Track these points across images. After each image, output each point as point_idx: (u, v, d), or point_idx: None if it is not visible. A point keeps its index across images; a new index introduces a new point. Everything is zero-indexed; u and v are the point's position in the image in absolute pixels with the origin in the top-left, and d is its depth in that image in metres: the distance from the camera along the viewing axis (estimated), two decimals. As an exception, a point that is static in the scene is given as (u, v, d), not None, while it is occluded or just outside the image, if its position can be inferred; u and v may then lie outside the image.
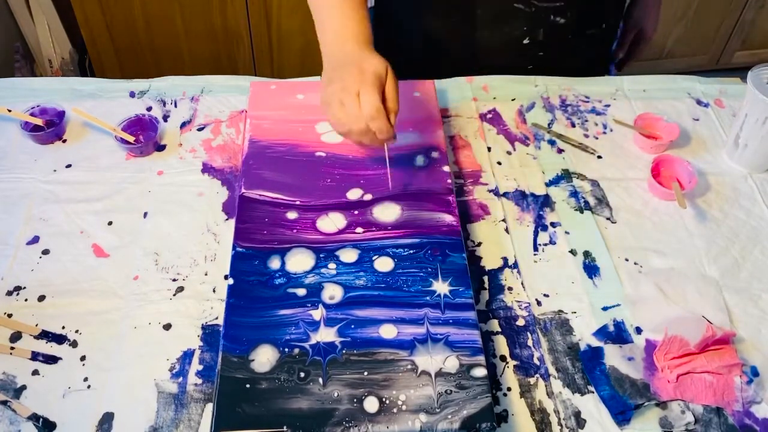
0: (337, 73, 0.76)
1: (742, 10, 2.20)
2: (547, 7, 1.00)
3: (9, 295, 0.77)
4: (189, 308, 0.77)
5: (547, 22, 1.02)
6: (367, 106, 0.73)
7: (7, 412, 0.68)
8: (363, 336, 0.69)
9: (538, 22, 1.02)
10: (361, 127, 0.74)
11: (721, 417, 0.70)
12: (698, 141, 0.99)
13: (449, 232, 0.78)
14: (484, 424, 0.63)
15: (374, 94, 0.73)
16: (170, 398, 0.69)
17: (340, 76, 0.75)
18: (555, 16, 1.02)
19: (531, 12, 1.01)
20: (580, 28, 1.05)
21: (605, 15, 1.09)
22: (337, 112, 0.75)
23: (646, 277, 0.81)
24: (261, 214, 0.79)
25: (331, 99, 0.75)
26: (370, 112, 0.73)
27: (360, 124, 0.74)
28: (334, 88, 0.75)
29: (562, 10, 1.01)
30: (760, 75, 0.90)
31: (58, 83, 1.03)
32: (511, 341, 0.75)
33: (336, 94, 0.75)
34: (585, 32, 1.07)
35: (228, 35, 1.92)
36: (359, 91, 0.73)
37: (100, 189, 0.88)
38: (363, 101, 0.73)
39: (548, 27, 1.03)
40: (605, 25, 1.09)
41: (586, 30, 1.07)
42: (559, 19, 1.02)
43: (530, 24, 1.03)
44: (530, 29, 1.03)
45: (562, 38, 1.05)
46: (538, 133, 0.99)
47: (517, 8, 1.01)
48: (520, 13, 1.01)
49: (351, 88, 0.74)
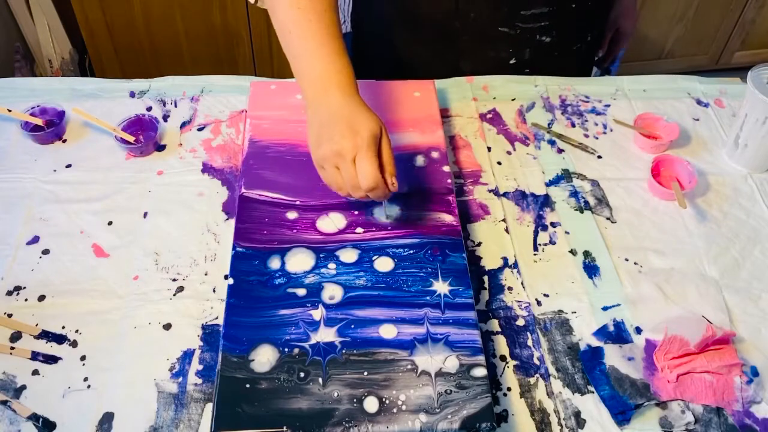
0: (326, 131, 0.71)
1: (742, 10, 2.20)
2: (532, 27, 1.00)
3: (9, 295, 0.77)
4: (189, 308, 0.77)
5: (533, 42, 1.02)
6: (365, 179, 0.69)
7: (7, 412, 0.68)
8: (363, 336, 0.69)
9: (523, 43, 1.02)
10: (360, 195, 0.72)
11: (721, 417, 0.70)
12: (698, 141, 0.99)
13: (449, 232, 0.78)
14: (484, 424, 0.63)
15: (371, 163, 0.69)
16: (170, 398, 0.69)
17: (330, 137, 0.70)
18: (540, 35, 1.01)
19: (516, 34, 1.00)
20: (566, 45, 1.05)
21: (591, 27, 1.09)
22: (334, 179, 0.72)
23: (646, 277, 0.81)
24: (261, 214, 0.79)
25: (324, 163, 0.72)
26: (368, 185, 0.69)
27: (359, 193, 0.71)
28: (326, 152, 0.71)
29: (548, 29, 1.01)
30: (760, 75, 0.90)
31: (58, 83, 1.03)
32: (511, 341, 0.75)
33: (330, 159, 0.71)
34: (571, 48, 1.07)
35: (228, 35, 1.92)
36: (355, 156, 0.70)
37: (100, 189, 0.88)
38: (360, 172, 0.69)
39: (534, 46, 1.03)
40: (590, 37, 1.09)
41: (572, 46, 1.07)
42: (545, 38, 1.01)
43: (516, 46, 1.02)
44: (516, 51, 1.03)
45: (548, 55, 1.04)
46: (538, 133, 0.99)
47: (502, 32, 1.00)
48: (505, 36, 1.01)
49: (346, 154, 0.69)
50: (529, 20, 0.99)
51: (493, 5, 0.98)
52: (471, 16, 0.99)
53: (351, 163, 0.70)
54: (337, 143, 0.70)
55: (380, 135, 0.72)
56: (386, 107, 0.92)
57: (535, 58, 1.04)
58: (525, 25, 0.99)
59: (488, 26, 1.00)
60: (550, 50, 1.03)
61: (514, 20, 0.99)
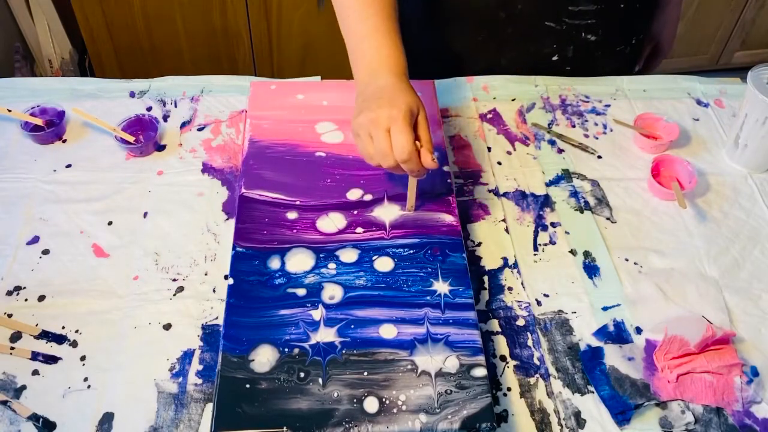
0: (367, 103, 0.74)
1: (742, 10, 2.20)
2: (578, 24, 0.99)
3: (9, 295, 0.77)
4: (189, 308, 0.77)
5: (578, 39, 1.01)
6: (399, 148, 0.70)
7: (7, 412, 0.68)
8: (363, 336, 0.69)
9: (568, 40, 1.01)
10: (391, 164, 0.72)
11: (721, 417, 0.70)
12: (698, 141, 0.99)
13: (449, 232, 0.78)
14: (484, 424, 0.63)
15: (407, 134, 0.70)
16: (170, 398, 0.69)
17: (369, 107, 0.73)
18: (586, 33, 1.00)
19: (562, 29, 0.99)
20: (610, 45, 1.04)
21: (636, 31, 1.08)
22: (366, 146, 0.73)
23: (646, 277, 0.81)
24: (261, 214, 0.79)
25: (359, 130, 0.73)
26: (402, 156, 0.71)
27: (389, 162, 0.72)
28: (363, 120, 0.72)
29: (594, 27, 1.00)
30: (760, 75, 0.90)
31: (58, 83, 1.03)
32: (511, 341, 0.75)
33: (365, 127, 0.72)
34: (615, 49, 1.06)
35: (228, 35, 1.92)
36: (390, 127, 0.71)
37: (100, 189, 0.88)
38: (395, 142, 0.70)
39: (578, 44, 1.01)
40: (635, 41, 1.08)
41: (615, 47, 1.06)
42: (590, 37, 1.00)
43: (560, 41, 1.01)
44: (560, 47, 1.02)
45: (591, 55, 1.03)
46: (538, 133, 0.99)
47: (548, 26, 0.99)
48: (550, 31, 1.00)
49: (381, 122, 0.71)
50: (576, 16, 0.98)
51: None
52: (518, 7, 0.98)
53: (385, 131, 0.71)
54: (374, 111, 0.72)
55: (417, 111, 0.74)
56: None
57: (578, 56, 1.03)
58: (571, 21, 0.98)
59: (534, 19, 0.99)
60: (593, 49, 1.03)
61: (561, 15, 0.98)
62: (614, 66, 1.09)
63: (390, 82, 0.76)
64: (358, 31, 0.80)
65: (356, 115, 0.74)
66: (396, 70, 0.77)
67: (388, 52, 0.78)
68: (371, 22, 0.79)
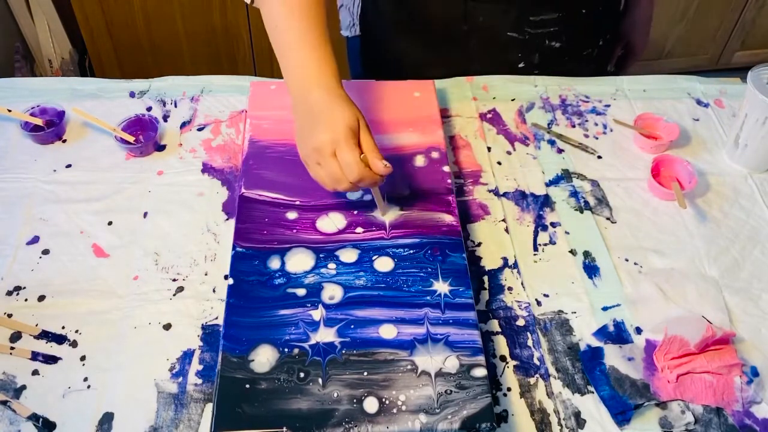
0: (305, 130, 0.73)
1: (742, 10, 2.20)
2: (541, 32, 0.99)
3: (9, 295, 0.77)
4: (189, 308, 0.77)
5: (542, 47, 1.01)
6: (349, 171, 0.70)
7: (7, 412, 0.68)
8: (363, 336, 0.69)
9: (532, 48, 1.02)
10: (347, 187, 0.72)
11: (721, 417, 0.70)
12: (698, 141, 0.99)
13: (449, 232, 0.78)
14: (484, 424, 0.63)
15: (351, 153, 0.70)
16: (170, 398, 0.69)
17: (309, 135, 0.72)
18: (550, 41, 1.00)
19: (525, 39, 1.00)
20: (575, 50, 1.04)
21: (601, 33, 1.08)
22: (318, 174, 0.73)
23: (646, 277, 0.81)
24: (261, 214, 0.79)
25: (308, 160, 0.73)
26: (353, 177, 0.70)
27: (344, 185, 0.72)
28: (307, 150, 0.72)
29: (557, 35, 1.00)
30: (760, 75, 0.90)
31: (58, 83, 1.03)
32: (511, 341, 0.75)
33: (311, 157, 0.72)
34: (581, 53, 1.06)
35: (228, 35, 1.92)
36: (335, 150, 0.70)
37: (100, 189, 0.88)
38: (344, 166, 0.70)
39: (543, 51, 1.02)
40: (602, 42, 1.08)
41: (581, 51, 1.06)
42: (554, 44, 1.01)
43: (525, 50, 1.02)
44: (525, 55, 1.02)
45: (558, 60, 1.04)
46: (538, 133, 0.99)
47: (510, 36, 0.99)
48: (514, 41, 1.00)
49: (325, 150, 0.70)
50: (538, 26, 0.98)
51: (501, 10, 0.97)
52: (480, 20, 0.99)
53: (331, 157, 0.70)
54: (316, 139, 0.71)
55: (358, 126, 0.72)
56: (386, 107, 0.92)
57: (545, 63, 1.04)
58: (534, 31, 0.98)
59: (496, 31, 0.99)
60: (559, 55, 1.03)
61: (523, 26, 0.98)
62: (583, 68, 1.09)
63: (321, 98, 0.73)
64: (284, 41, 0.78)
65: (298, 140, 0.74)
66: (325, 83, 0.75)
67: (317, 64, 0.76)
68: (296, 32, 0.77)
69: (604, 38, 1.09)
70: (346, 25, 1.23)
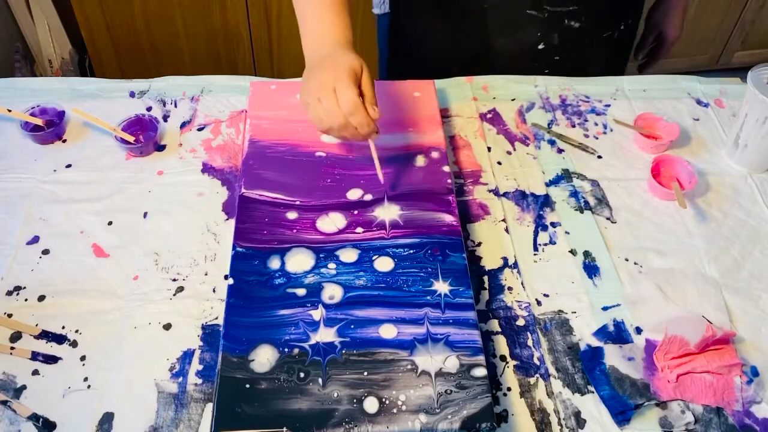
0: (312, 73, 0.78)
1: (742, 10, 2.20)
2: (560, 11, 0.99)
3: (9, 295, 0.77)
4: (189, 308, 0.77)
5: (561, 26, 1.01)
6: (344, 101, 0.73)
7: (7, 412, 0.68)
8: (363, 336, 0.69)
9: (552, 27, 1.01)
10: (341, 122, 0.75)
11: (721, 417, 0.70)
12: (698, 141, 0.99)
13: (449, 232, 0.78)
14: (484, 424, 0.63)
15: (350, 89, 0.74)
16: (170, 398, 0.69)
17: (315, 75, 0.76)
18: (569, 20, 1.00)
19: (544, 17, 1.00)
20: (596, 31, 1.04)
21: (623, 16, 1.07)
22: (315, 110, 0.76)
23: (646, 277, 0.81)
24: (261, 214, 0.79)
25: (308, 97, 0.76)
26: (347, 108, 0.74)
27: (339, 120, 0.74)
28: (310, 86, 0.76)
29: (577, 14, 1.00)
30: (760, 75, 0.90)
31: (58, 83, 1.03)
32: (511, 341, 0.75)
33: (313, 92, 0.75)
34: (601, 35, 1.06)
35: (228, 35, 1.92)
36: (335, 87, 0.74)
37: (100, 189, 0.88)
38: (340, 97, 0.74)
39: (563, 31, 1.02)
40: (623, 26, 1.08)
41: (602, 33, 1.06)
42: (573, 23, 1.01)
43: (544, 29, 1.02)
44: (544, 35, 1.02)
45: (578, 42, 1.04)
46: (538, 133, 0.99)
47: (530, 14, 0.99)
48: (533, 19, 1.00)
49: (327, 85, 0.74)
50: (557, 3, 0.99)
51: None
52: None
53: (331, 92, 0.74)
54: (319, 75, 0.76)
55: (360, 71, 0.76)
56: (386, 107, 0.92)
57: (564, 44, 1.04)
58: (553, 9, 0.99)
59: (516, 8, 1.00)
60: (579, 36, 1.03)
61: (542, 3, 0.99)
62: (606, 54, 1.09)
63: (333, 51, 0.79)
64: (308, 12, 0.84)
65: (303, 85, 0.78)
66: (339, 40, 0.80)
67: (333, 27, 0.81)
68: (320, 3, 0.82)
69: (626, 22, 1.09)
70: (378, 2, 1.23)
